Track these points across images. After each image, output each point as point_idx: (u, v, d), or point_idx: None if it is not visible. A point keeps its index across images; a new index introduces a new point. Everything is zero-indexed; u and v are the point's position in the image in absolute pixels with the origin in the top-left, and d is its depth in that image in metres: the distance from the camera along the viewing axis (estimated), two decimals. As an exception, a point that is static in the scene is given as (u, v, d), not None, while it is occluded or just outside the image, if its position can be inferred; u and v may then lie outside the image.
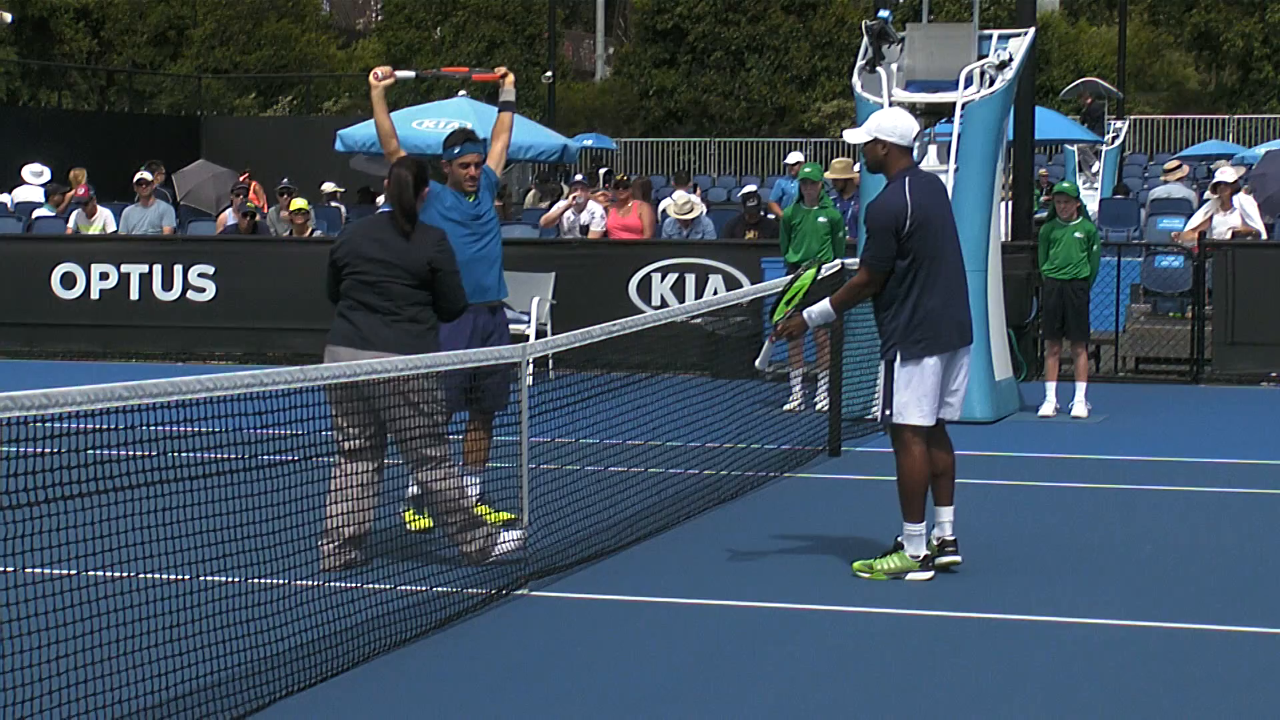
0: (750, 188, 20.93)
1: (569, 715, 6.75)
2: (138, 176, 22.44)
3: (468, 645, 7.71)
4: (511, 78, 10.77)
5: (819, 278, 9.49)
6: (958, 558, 9.05)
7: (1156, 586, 8.99)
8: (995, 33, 15.29)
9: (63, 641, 6.03)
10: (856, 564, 9.09)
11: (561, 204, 21.05)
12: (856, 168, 20.41)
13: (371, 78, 10.34)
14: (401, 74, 10.86)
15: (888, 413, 8.95)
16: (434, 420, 8.80)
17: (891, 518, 9.11)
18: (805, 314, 9.14)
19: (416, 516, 9.77)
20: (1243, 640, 7.97)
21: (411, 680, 7.16)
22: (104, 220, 22.57)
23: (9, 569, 5.98)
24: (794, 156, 27.72)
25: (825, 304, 9.13)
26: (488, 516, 9.90)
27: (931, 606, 8.47)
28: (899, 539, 9.02)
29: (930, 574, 8.94)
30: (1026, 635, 8.02)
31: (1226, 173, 20.71)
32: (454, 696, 7.00)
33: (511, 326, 17.52)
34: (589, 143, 40.34)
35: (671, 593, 8.75)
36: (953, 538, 9.07)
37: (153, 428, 6.53)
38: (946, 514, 9.07)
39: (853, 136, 9.29)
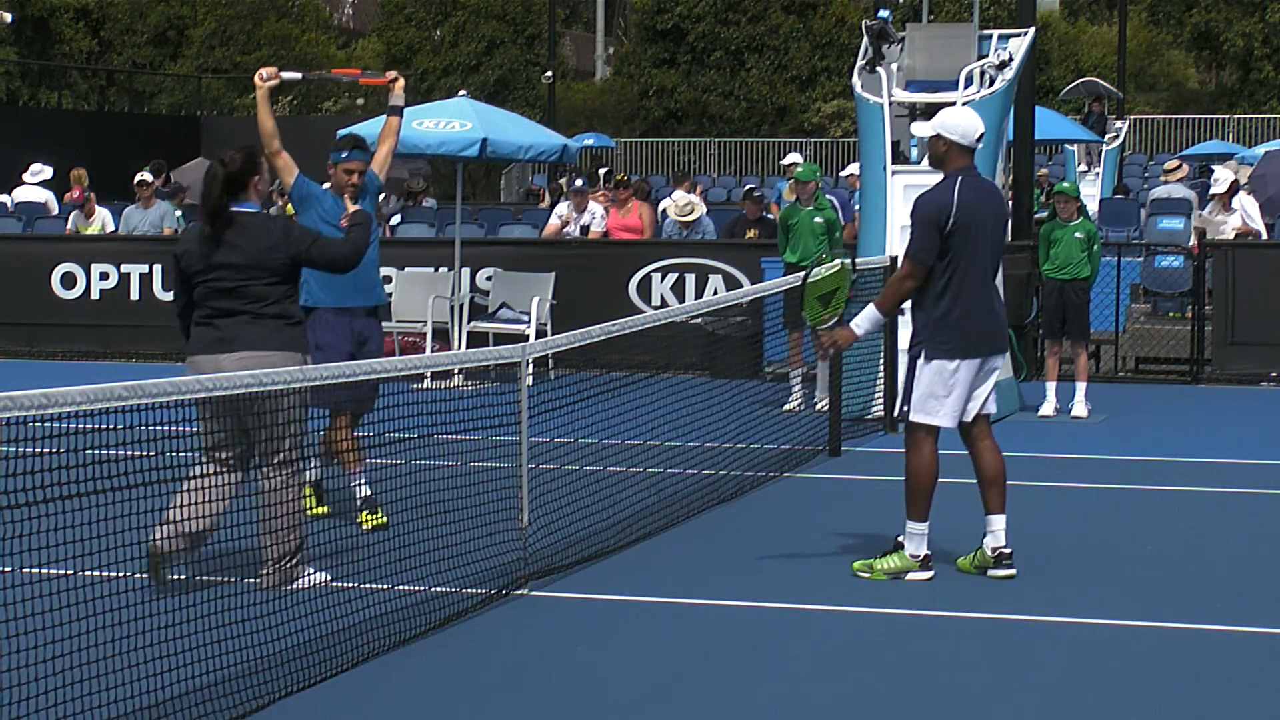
0: (750, 187, 20.88)
1: (569, 715, 6.75)
2: (139, 178, 22.38)
3: (468, 645, 7.70)
4: (401, 82, 10.81)
5: (854, 277, 9.37)
6: (1012, 571, 8.88)
7: (1156, 586, 8.99)
8: (995, 33, 15.29)
9: (61, 641, 6.03)
10: (856, 564, 9.09)
11: (556, 221, 20.68)
12: (848, 172, 20.40)
13: (256, 78, 10.33)
14: (287, 75, 10.82)
15: (905, 408, 8.91)
16: (296, 424, 8.36)
17: (891, 518, 9.11)
18: (853, 325, 8.97)
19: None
20: (1243, 640, 7.97)
21: (411, 680, 7.16)
22: (102, 220, 22.55)
23: (7, 569, 5.98)
24: (791, 158, 27.71)
25: (871, 309, 8.92)
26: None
27: (931, 606, 8.47)
28: (899, 538, 9.01)
29: (930, 574, 8.93)
30: (1026, 635, 8.02)
31: (1220, 183, 20.71)
32: (454, 696, 7.00)
33: (511, 326, 17.75)
34: (589, 142, 40.34)
35: (671, 593, 8.74)
36: (1009, 550, 8.92)
37: (153, 428, 6.54)
38: (998, 522, 8.94)
39: (919, 130, 9.38)
